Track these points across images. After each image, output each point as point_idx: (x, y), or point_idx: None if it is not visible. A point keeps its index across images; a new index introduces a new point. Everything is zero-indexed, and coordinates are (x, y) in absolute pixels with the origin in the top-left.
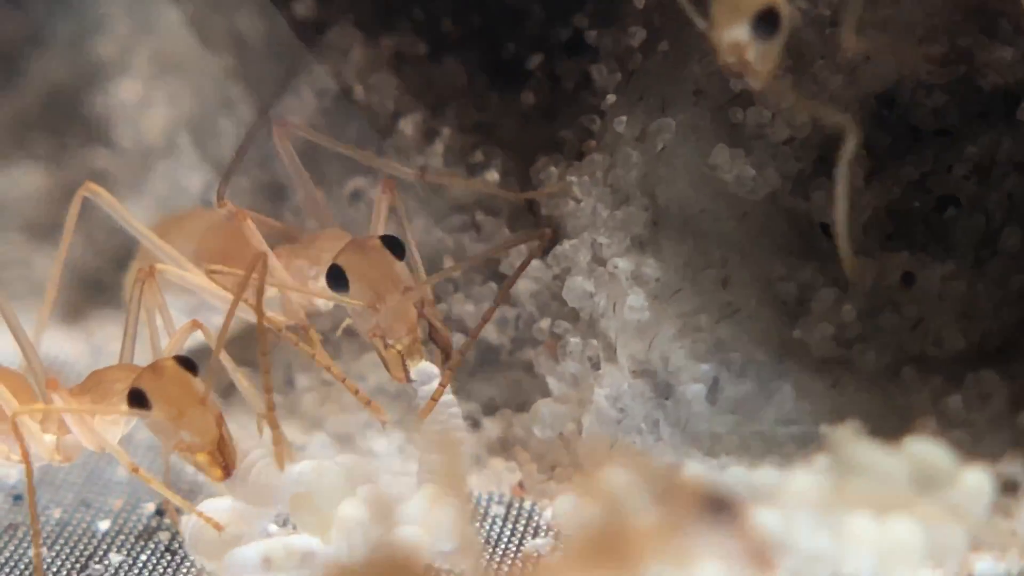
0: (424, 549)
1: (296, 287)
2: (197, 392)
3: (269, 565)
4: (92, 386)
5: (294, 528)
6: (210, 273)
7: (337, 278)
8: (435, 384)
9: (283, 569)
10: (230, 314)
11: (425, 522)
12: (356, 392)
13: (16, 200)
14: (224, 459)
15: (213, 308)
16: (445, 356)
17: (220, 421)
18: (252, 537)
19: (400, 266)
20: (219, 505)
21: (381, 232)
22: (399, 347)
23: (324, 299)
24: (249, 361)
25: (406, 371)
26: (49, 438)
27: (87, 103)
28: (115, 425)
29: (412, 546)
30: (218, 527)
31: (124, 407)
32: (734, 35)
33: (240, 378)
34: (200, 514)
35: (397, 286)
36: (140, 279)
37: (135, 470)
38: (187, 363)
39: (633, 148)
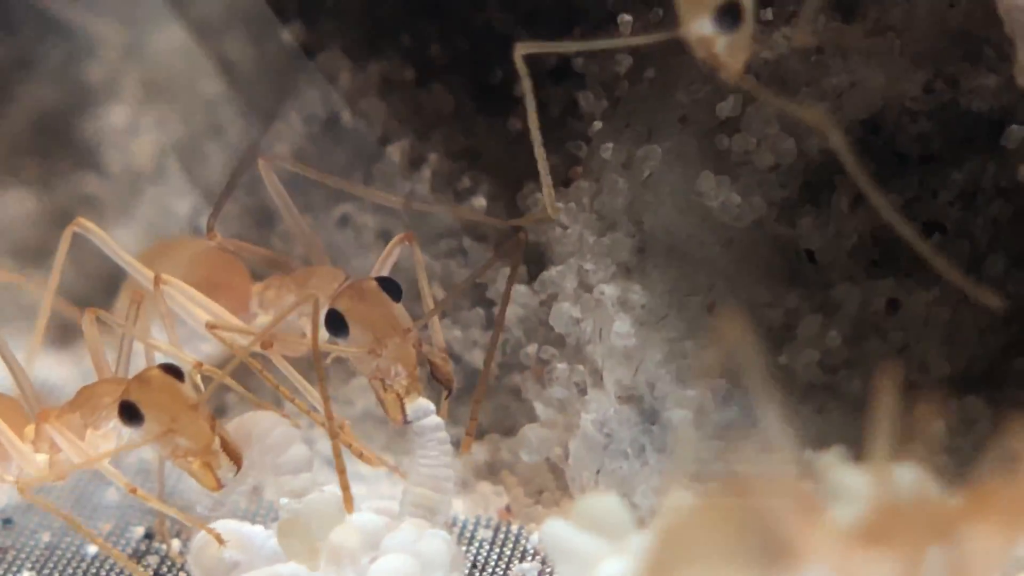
0: None
1: (316, 346)
2: (187, 398)
3: None
4: (82, 402)
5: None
6: (211, 330)
7: (336, 323)
8: (432, 418)
9: None
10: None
11: (413, 551)
12: (351, 445)
13: (6, 225)
14: (232, 458)
15: (205, 336)
16: (447, 391)
17: (214, 424)
18: (252, 563)
19: (398, 308)
20: (221, 527)
21: (382, 274)
22: (399, 388)
23: (329, 349)
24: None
25: (404, 414)
26: (41, 457)
27: (77, 128)
28: (107, 441)
29: None
30: (221, 541)
31: (117, 422)
32: (699, 30)
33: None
34: (206, 527)
35: (397, 329)
36: (136, 301)
37: (133, 490)
38: (173, 370)
39: (619, 175)
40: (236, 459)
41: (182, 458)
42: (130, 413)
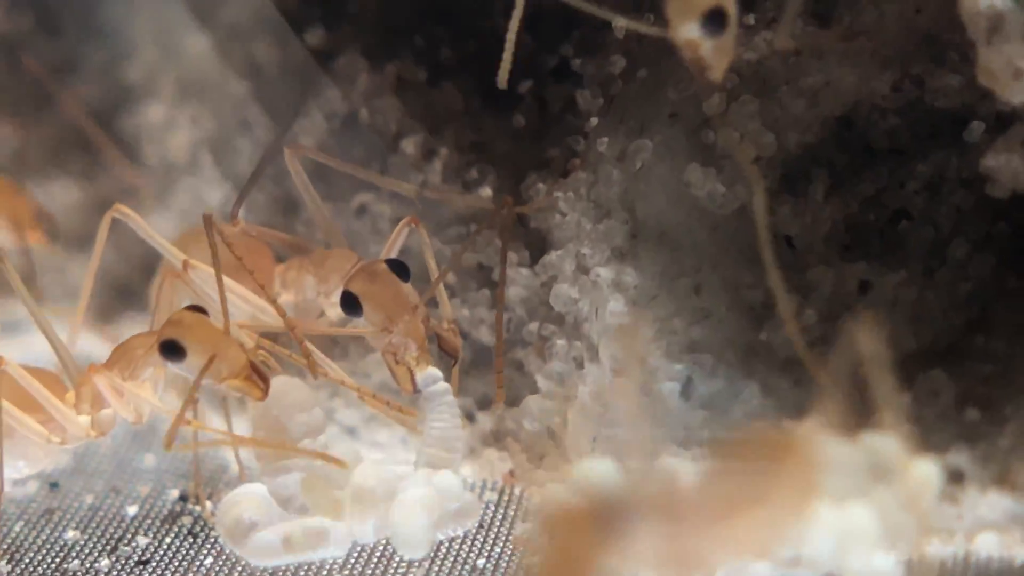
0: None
1: (331, 331)
2: (218, 328)
3: (289, 545)
4: (118, 359)
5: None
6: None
7: (351, 303)
8: (440, 384)
9: (301, 548)
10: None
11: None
12: (387, 404)
13: (53, 212)
14: (260, 378)
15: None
16: (454, 360)
17: (243, 348)
18: (269, 523)
19: (407, 288)
20: (249, 490)
21: (391, 256)
22: (409, 361)
23: (346, 332)
24: None
25: (414, 383)
26: (84, 418)
27: (118, 125)
28: (144, 390)
29: None
30: (343, 465)
31: (153, 372)
32: (687, 33)
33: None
34: (326, 456)
35: (406, 307)
36: (168, 277)
37: (188, 422)
38: (198, 310)
39: (614, 167)
40: (266, 378)
41: (225, 380)
42: (171, 349)
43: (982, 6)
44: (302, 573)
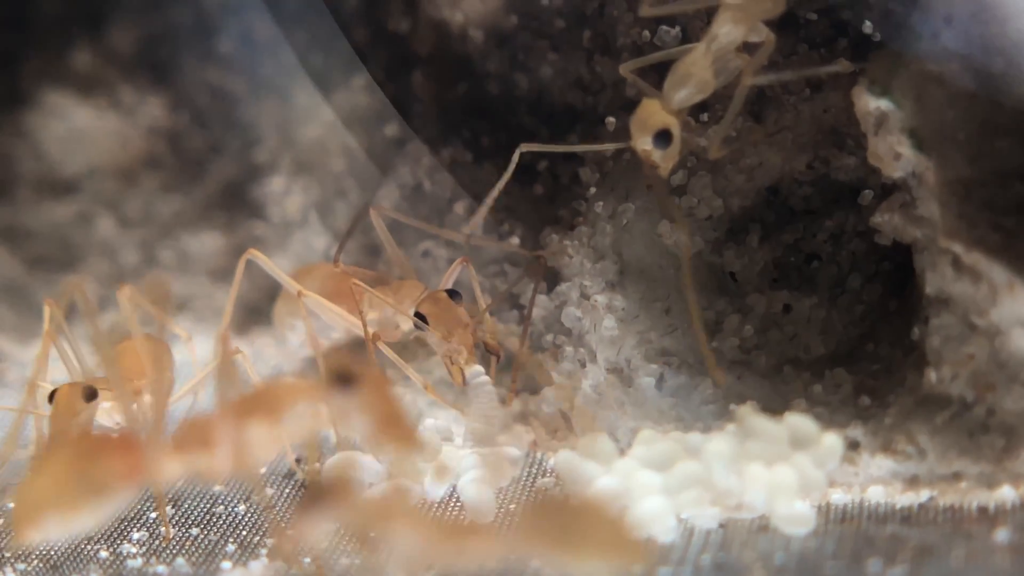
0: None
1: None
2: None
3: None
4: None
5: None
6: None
7: (420, 320)
8: (483, 378)
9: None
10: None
11: (487, 463)
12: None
13: (203, 255)
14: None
15: (330, 328)
16: (496, 359)
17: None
18: (363, 480)
19: (460, 309)
20: (348, 456)
21: (447, 287)
22: (461, 362)
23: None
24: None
25: (464, 378)
26: None
27: (249, 191)
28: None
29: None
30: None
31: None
32: (643, 145)
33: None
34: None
35: (459, 323)
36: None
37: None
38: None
39: (607, 223)
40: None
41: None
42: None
43: (871, 107)
44: None
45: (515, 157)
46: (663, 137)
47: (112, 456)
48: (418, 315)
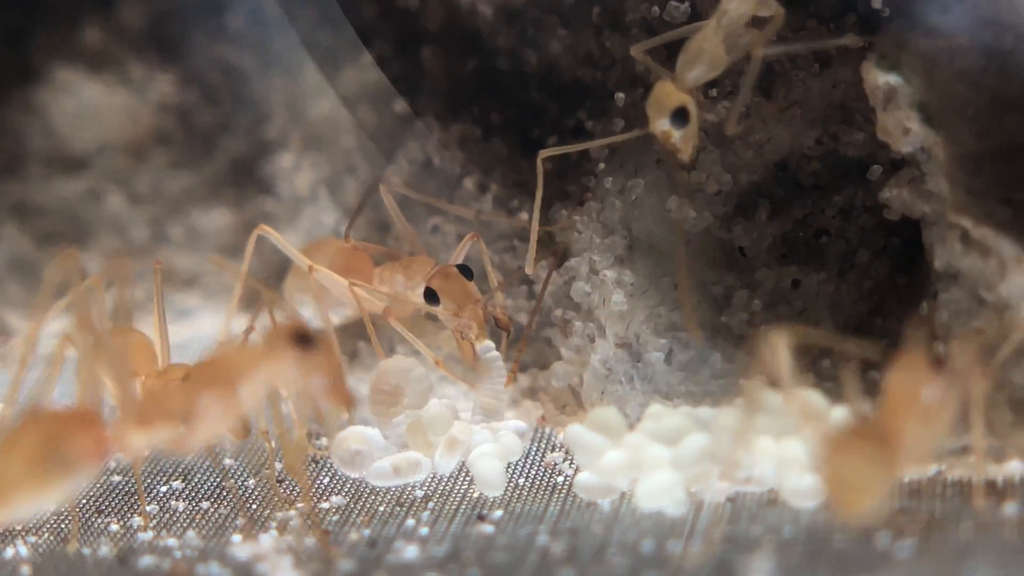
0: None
1: (428, 306)
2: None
3: (396, 471)
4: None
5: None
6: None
7: (431, 296)
8: (493, 353)
9: (403, 474)
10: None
11: (496, 441)
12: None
13: (213, 231)
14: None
15: (340, 304)
16: (507, 335)
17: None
18: (371, 454)
19: (471, 285)
20: (357, 430)
21: (458, 261)
22: (471, 337)
23: (426, 309)
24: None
25: (475, 354)
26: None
27: (259, 168)
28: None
29: None
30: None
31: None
32: (660, 126)
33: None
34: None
35: (470, 299)
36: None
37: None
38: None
39: (616, 198)
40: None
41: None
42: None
43: (880, 82)
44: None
45: (539, 166)
46: (680, 116)
47: (77, 432)
48: (428, 290)
